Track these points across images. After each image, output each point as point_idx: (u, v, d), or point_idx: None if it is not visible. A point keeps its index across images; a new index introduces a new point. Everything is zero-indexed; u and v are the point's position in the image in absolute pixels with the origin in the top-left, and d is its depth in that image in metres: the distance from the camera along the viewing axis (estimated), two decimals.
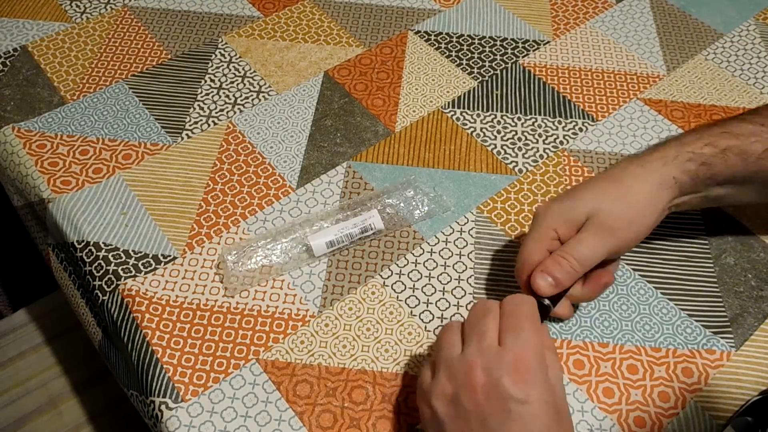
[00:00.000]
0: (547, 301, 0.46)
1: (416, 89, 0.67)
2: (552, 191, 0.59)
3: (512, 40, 0.72)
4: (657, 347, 0.50)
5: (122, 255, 0.55)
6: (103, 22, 0.73)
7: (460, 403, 0.37)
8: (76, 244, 0.56)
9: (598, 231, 0.45)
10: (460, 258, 0.55)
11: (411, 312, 0.52)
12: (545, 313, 0.46)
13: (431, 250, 0.56)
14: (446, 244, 0.56)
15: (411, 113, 0.65)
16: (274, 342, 0.50)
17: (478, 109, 0.66)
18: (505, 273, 0.54)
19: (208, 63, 0.70)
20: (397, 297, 0.53)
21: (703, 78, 0.69)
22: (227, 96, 0.67)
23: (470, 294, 0.53)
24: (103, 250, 0.55)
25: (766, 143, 0.46)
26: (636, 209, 0.46)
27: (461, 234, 0.57)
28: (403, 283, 0.54)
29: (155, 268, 0.54)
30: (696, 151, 0.46)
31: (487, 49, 0.71)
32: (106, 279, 0.54)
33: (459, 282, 0.54)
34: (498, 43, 0.72)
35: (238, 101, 0.66)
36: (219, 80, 0.68)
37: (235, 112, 0.65)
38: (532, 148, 0.63)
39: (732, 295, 0.53)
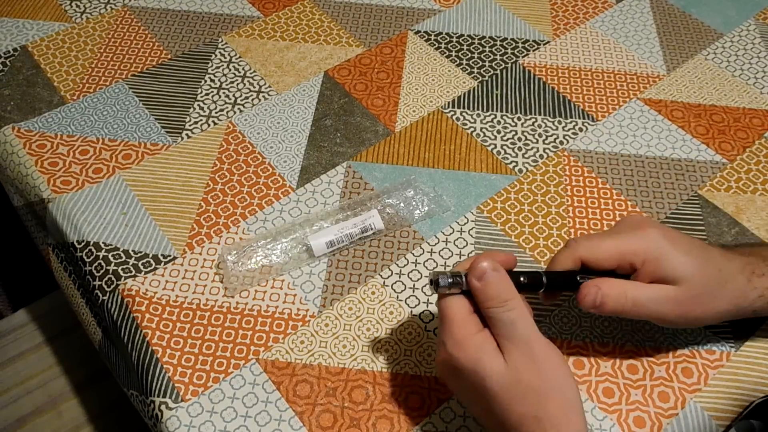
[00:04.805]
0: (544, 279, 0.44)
1: (416, 89, 0.67)
2: (552, 191, 0.59)
3: (512, 40, 0.72)
4: (657, 347, 0.50)
5: (122, 255, 0.55)
6: (103, 22, 0.73)
7: None
8: (76, 244, 0.56)
9: (673, 297, 0.43)
10: (460, 258, 0.55)
11: (411, 312, 0.52)
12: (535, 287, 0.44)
13: (431, 250, 0.56)
14: (446, 244, 0.56)
15: (411, 113, 0.65)
16: (274, 342, 0.50)
17: (478, 109, 0.66)
18: None
19: (208, 63, 0.70)
20: (397, 297, 0.53)
21: (703, 78, 0.69)
22: (227, 96, 0.67)
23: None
24: (103, 250, 0.55)
25: None
26: (715, 303, 0.44)
27: (461, 234, 0.57)
28: (403, 283, 0.54)
29: (155, 268, 0.54)
30: None
31: (487, 49, 0.71)
32: (106, 279, 0.54)
33: None
34: (498, 43, 0.72)
35: (238, 101, 0.66)
36: (219, 80, 0.68)
37: (235, 112, 0.65)
38: (532, 148, 0.63)
39: None
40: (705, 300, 0.44)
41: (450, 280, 0.40)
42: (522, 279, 0.43)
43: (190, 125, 0.64)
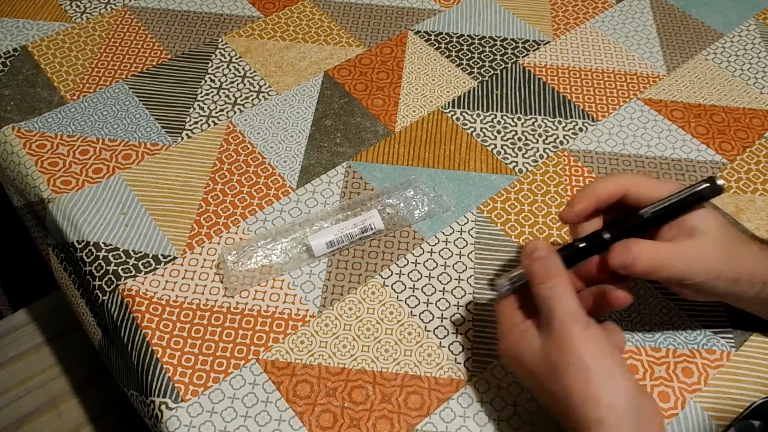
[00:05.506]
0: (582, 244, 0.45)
1: (416, 89, 0.67)
2: (552, 191, 0.59)
3: (512, 40, 0.72)
4: (657, 347, 0.50)
5: (122, 255, 0.55)
6: (103, 22, 0.73)
7: None
8: (76, 244, 0.56)
9: (701, 253, 0.44)
10: (460, 258, 0.55)
11: (411, 312, 0.52)
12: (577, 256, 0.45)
13: (431, 250, 0.56)
14: (446, 244, 0.56)
15: (411, 113, 0.65)
16: (274, 342, 0.51)
17: (478, 109, 0.66)
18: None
19: (208, 63, 0.70)
20: (397, 297, 0.53)
21: (703, 78, 0.69)
22: (227, 96, 0.67)
23: (470, 294, 0.53)
24: (103, 250, 0.55)
25: None
26: (735, 264, 0.44)
27: (461, 234, 0.57)
28: (403, 283, 0.54)
29: (155, 268, 0.54)
30: None
31: (487, 49, 0.71)
32: (106, 279, 0.54)
33: (459, 282, 0.54)
34: (498, 43, 0.72)
35: (238, 101, 0.66)
36: (219, 80, 0.68)
37: (235, 112, 0.65)
38: (532, 148, 0.63)
39: None
40: (729, 256, 0.45)
41: (508, 284, 0.45)
42: (581, 245, 0.45)
43: (190, 125, 0.64)
